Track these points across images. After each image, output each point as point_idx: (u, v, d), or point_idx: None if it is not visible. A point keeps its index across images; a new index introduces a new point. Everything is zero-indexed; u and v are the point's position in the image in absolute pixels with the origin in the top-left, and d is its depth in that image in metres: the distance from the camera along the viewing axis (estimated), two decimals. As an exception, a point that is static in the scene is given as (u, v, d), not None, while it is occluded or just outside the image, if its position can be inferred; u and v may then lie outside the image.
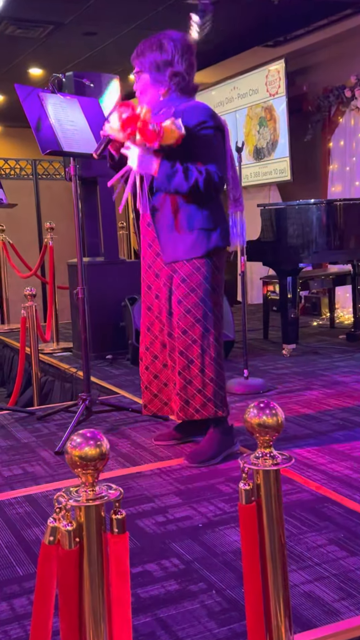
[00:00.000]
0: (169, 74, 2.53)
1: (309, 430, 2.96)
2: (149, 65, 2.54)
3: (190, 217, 2.52)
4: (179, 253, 2.54)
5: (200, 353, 2.55)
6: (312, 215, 4.34)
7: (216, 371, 2.57)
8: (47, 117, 2.90)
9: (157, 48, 2.53)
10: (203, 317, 2.55)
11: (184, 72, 2.55)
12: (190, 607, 1.64)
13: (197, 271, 2.54)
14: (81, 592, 1.11)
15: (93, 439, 1.11)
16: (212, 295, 2.56)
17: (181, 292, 2.55)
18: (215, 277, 2.58)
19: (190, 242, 2.52)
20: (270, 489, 1.23)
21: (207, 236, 2.53)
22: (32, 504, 2.29)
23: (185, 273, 2.55)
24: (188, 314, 2.54)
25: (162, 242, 2.58)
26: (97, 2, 6.02)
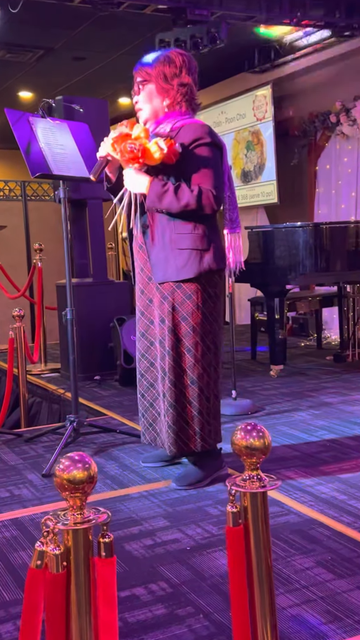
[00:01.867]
0: (177, 83, 2.51)
1: (297, 451, 2.97)
2: (157, 75, 2.52)
3: (183, 237, 2.46)
4: (169, 273, 2.48)
5: (189, 384, 2.49)
6: (299, 238, 4.39)
7: (204, 404, 2.51)
8: (37, 141, 2.93)
9: (165, 60, 2.53)
10: (193, 347, 2.48)
11: (191, 84, 2.54)
12: (178, 631, 1.64)
13: (189, 299, 2.48)
14: (68, 616, 1.11)
15: (81, 462, 1.11)
16: (205, 324, 2.49)
17: (172, 320, 2.50)
18: (208, 304, 2.50)
19: (181, 262, 2.45)
20: (257, 511, 1.24)
21: (200, 257, 2.46)
22: (19, 528, 2.27)
23: (176, 300, 2.49)
24: (179, 343, 2.49)
25: (153, 261, 2.53)
26: (87, 28, 6.12)
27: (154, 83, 2.53)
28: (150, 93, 2.55)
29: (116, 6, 5.23)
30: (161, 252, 2.51)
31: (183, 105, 2.54)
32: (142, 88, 2.56)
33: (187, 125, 2.48)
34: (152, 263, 2.55)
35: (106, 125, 4.82)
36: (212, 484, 2.58)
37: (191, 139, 2.44)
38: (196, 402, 2.51)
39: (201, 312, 2.49)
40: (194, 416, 2.51)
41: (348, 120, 6.35)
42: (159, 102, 2.54)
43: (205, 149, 2.45)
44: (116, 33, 6.25)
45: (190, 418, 2.52)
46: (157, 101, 2.54)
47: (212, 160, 2.46)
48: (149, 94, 2.55)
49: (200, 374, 2.50)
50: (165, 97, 2.53)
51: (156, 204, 2.43)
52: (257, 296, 5.61)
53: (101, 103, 4.92)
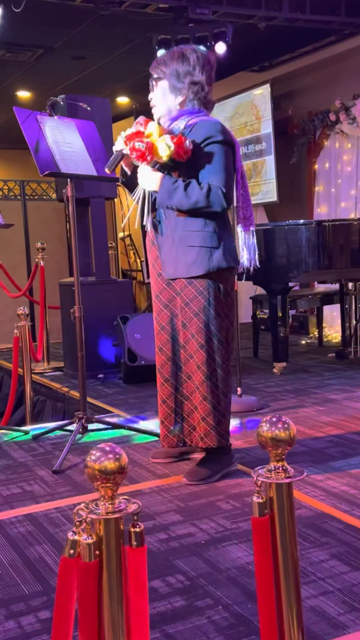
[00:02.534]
0: (188, 82, 2.53)
1: (305, 447, 2.99)
2: (170, 73, 2.54)
3: (193, 234, 2.48)
4: (179, 270, 2.51)
5: (204, 380, 2.52)
6: (301, 236, 4.41)
7: (219, 399, 2.54)
8: (45, 139, 2.94)
9: (179, 57, 2.54)
10: (207, 343, 2.51)
11: (203, 82, 2.54)
12: (198, 622, 1.65)
13: (200, 295, 2.50)
14: (100, 604, 1.12)
15: (112, 452, 1.13)
16: (216, 320, 2.51)
17: (185, 317, 2.53)
18: (220, 301, 2.52)
19: (191, 259, 2.48)
20: (283, 502, 1.26)
21: (209, 255, 2.48)
22: (33, 523, 2.28)
23: (188, 297, 2.52)
24: (192, 338, 2.52)
25: (163, 257, 2.56)
26: (86, 27, 6.12)
27: (167, 80, 2.56)
28: (164, 90, 2.58)
29: (118, 5, 5.24)
30: (171, 248, 2.53)
31: (195, 103, 2.56)
32: (156, 85, 2.59)
33: (200, 122, 2.50)
34: (162, 259, 2.57)
35: (108, 123, 4.84)
36: (222, 480, 2.59)
37: (203, 136, 2.46)
38: (211, 397, 2.53)
39: (213, 308, 2.51)
40: (209, 412, 2.53)
41: (347, 118, 6.37)
42: (172, 99, 2.57)
43: (216, 146, 2.47)
44: (116, 32, 6.25)
45: (206, 414, 2.54)
46: (170, 98, 2.57)
47: (223, 158, 2.48)
48: (162, 91, 2.58)
49: (213, 369, 2.53)
50: (178, 95, 2.56)
51: (166, 200, 2.46)
52: (258, 294, 5.63)
53: (103, 102, 4.93)
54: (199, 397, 2.54)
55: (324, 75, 6.81)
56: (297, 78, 7.13)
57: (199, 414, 2.55)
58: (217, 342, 2.53)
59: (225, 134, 2.51)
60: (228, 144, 2.51)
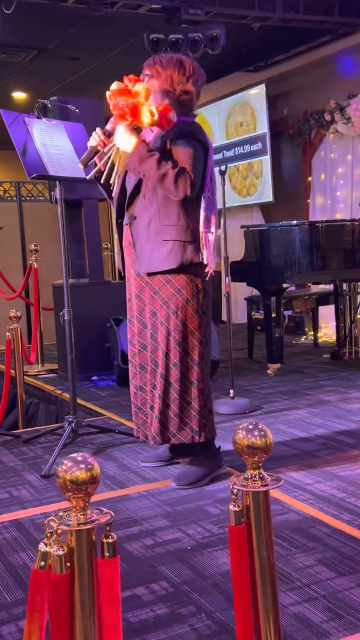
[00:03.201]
0: (180, 90, 2.55)
1: (296, 449, 2.97)
2: (165, 76, 2.54)
3: (167, 228, 2.50)
4: (154, 264, 2.52)
5: (180, 377, 2.53)
6: (295, 237, 4.40)
7: (195, 395, 2.55)
8: (33, 141, 2.92)
9: (177, 63, 2.55)
10: (183, 341, 2.53)
11: (193, 94, 2.58)
12: (180, 630, 1.64)
13: (178, 293, 2.53)
14: (72, 616, 1.11)
15: (84, 462, 1.11)
16: (194, 318, 2.54)
17: (163, 314, 2.55)
18: (199, 299, 2.55)
19: (165, 252, 2.50)
20: (259, 510, 1.24)
21: (183, 248, 2.49)
22: (19, 529, 2.27)
23: (166, 295, 2.54)
24: (169, 336, 2.54)
25: (138, 251, 2.57)
26: (81, 28, 6.11)
27: (159, 81, 2.55)
28: (153, 87, 2.55)
29: (110, 6, 5.22)
30: (146, 243, 2.55)
31: (180, 110, 2.56)
32: (146, 81, 2.56)
33: (180, 122, 2.51)
34: (137, 254, 2.58)
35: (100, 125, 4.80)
36: (212, 483, 2.58)
37: (180, 131, 2.47)
38: (186, 394, 2.55)
39: (190, 306, 2.54)
40: (183, 408, 2.55)
41: (342, 118, 6.36)
42: (159, 98, 2.55)
43: (192, 140, 2.48)
44: (110, 33, 6.23)
45: (180, 410, 2.55)
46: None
47: (196, 154, 2.49)
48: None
49: (189, 367, 2.55)
50: (165, 98, 2.55)
51: (136, 164, 2.43)
52: (253, 295, 5.62)
53: (95, 103, 4.91)
54: (173, 393, 2.54)
55: (318, 75, 6.79)
56: (292, 78, 7.11)
57: (172, 410, 2.55)
58: (195, 339, 2.55)
59: (202, 135, 2.54)
60: (202, 144, 2.52)
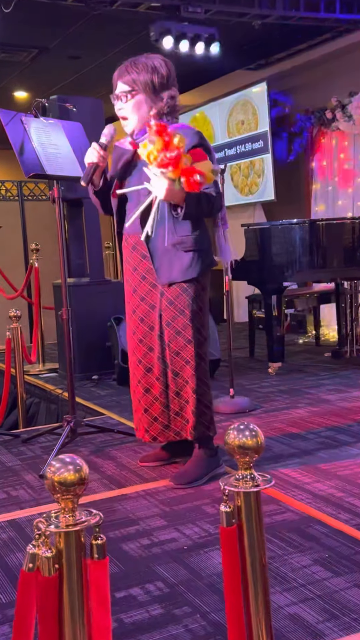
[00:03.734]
0: (166, 96, 2.55)
1: (295, 449, 2.96)
2: (144, 86, 2.53)
3: (185, 239, 2.55)
4: (174, 275, 2.56)
5: (193, 373, 2.57)
6: (295, 235, 4.38)
7: (204, 391, 2.60)
8: (30, 141, 2.92)
9: (151, 70, 2.54)
10: (193, 338, 2.57)
11: (176, 95, 2.60)
12: (175, 631, 1.63)
13: (184, 292, 2.57)
14: (61, 619, 1.10)
15: (72, 464, 1.11)
16: (199, 316, 2.59)
17: (169, 315, 2.58)
18: (202, 297, 2.61)
19: (186, 263, 2.55)
20: (251, 510, 1.24)
21: (201, 257, 2.57)
22: (16, 529, 2.27)
23: (172, 295, 2.57)
24: (178, 335, 2.57)
25: (157, 264, 2.57)
26: (81, 27, 6.10)
27: (142, 93, 2.54)
28: (139, 103, 2.55)
29: (109, 4, 5.21)
30: (165, 255, 2.56)
31: (169, 117, 2.59)
32: (130, 98, 2.55)
33: (182, 130, 2.48)
34: (155, 265, 2.58)
35: (101, 124, 4.80)
36: (209, 483, 2.57)
37: (192, 144, 2.48)
38: (199, 390, 2.58)
39: (196, 305, 2.58)
40: (196, 405, 2.58)
41: (344, 116, 6.33)
42: (146, 111, 2.56)
43: (200, 151, 2.49)
44: (111, 31, 6.22)
45: (195, 406, 2.57)
46: (144, 110, 2.57)
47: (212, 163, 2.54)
48: (137, 103, 2.55)
49: (198, 363, 2.58)
50: (153, 107, 2.55)
51: (194, 212, 2.47)
52: (254, 294, 5.60)
53: (96, 102, 4.91)
54: (188, 391, 2.58)
55: (320, 73, 6.76)
56: (294, 76, 7.09)
57: (189, 407, 2.58)
58: (201, 337, 2.60)
59: (207, 141, 2.59)
60: (210, 151, 2.57)
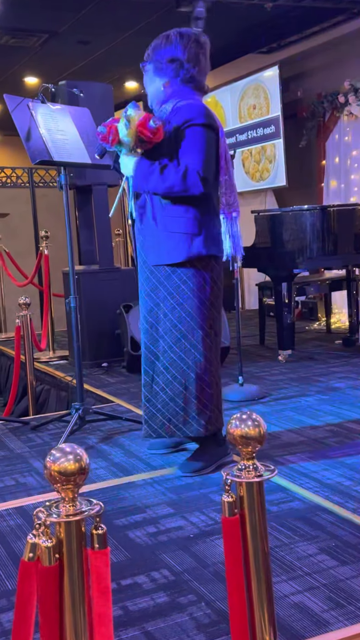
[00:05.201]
0: (167, 59, 2.48)
1: (303, 437, 2.95)
2: (154, 56, 2.52)
3: (174, 220, 2.43)
4: (162, 256, 2.46)
5: (185, 370, 2.48)
6: (306, 221, 4.34)
7: (201, 389, 2.49)
8: (37, 127, 2.90)
9: (163, 39, 2.51)
10: (190, 332, 2.46)
11: (183, 60, 2.48)
12: (179, 619, 1.63)
13: (184, 284, 2.46)
14: (62, 608, 1.10)
15: (72, 453, 1.10)
16: (201, 310, 2.47)
17: (168, 306, 2.48)
18: (205, 290, 2.47)
19: (172, 245, 2.43)
20: (253, 501, 1.23)
21: (190, 241, 2.42)
22: (24, 516, 2.28)
23: (171, 286, 2.47)
24: (174, 328, 2.48)
25: (147, 244, 2.51)
26: (91, 11, 6.04)
27: (152, 63, 2.53)
28: (150, 74, 2.55)
29: (119, -12, 5.15)
30: (154, 235, 2.49)
31: (178, 82, 2.49)
32: (144, 71, 2.56)
33: (184, 106, 2.43)
34: (146, 246, 2.52)
35: (110, 109, 4.77)
36: (217, 471, 2.57)
37: (184, 119, 2.40)
38: (192, 387, 2.48)
39: (197, 298, 2.46)
40: (189, 401, 2.49)
41: (357, 100, 6.24)
42: (157, 81, 2.53)
43: (197, 129, 2.39)
44: (121, 15, 6.16)
45: (185, 403, 2.49)
46: (155, 81, 2.54)
47: (204, 141, 2.40)
48: (149, 75, 2.56)
49: (196, 359, 2.48)
50: (163, 77, 2.51)
51: (142, 185, 2.41)
52: (265, 281, 5.57)
53: (105, 87, 4.87)
54: (178, 386, 2.49)
55: (333, 56, 6.66)
56: (306, 59, 6.99)
57: (178, 404, 2.50)
58: (201, 331, 2.48)
59: (209, 118, 2.43)
60: (210, 127, 2.43)
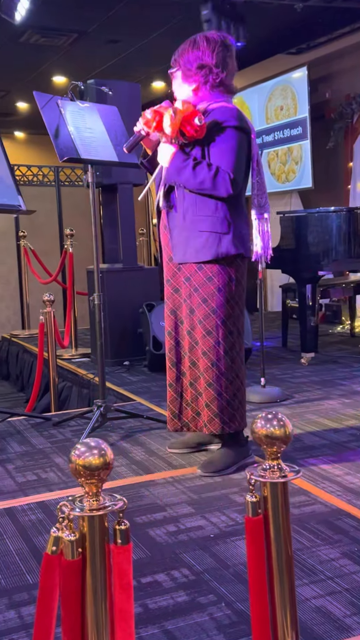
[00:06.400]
0: (196, 66, 2.49)
1: (326, 440, 2.92)
2: (182, 62, 2.52)
3: (203, 218, 2.46)
4: (189, 254, 2.50)
5: (210, 366, 2.50)
6: (331, 223, 4.30)
7: (225, 386, 2.51)
8: (66, 124, 2.91)
9: (190, 44, 2.52)
10: (214, 330, 2.49)
11: (212, 66, 2.48)
12: (199, 619, 1.62)
13: (210, 281, 2.49)
14: (84, 603, 1.10)
15: (97, 448, 1.10)
16: (226, 307, 2.49)
17: (194, 302, 2.52)
18: (231, 288, 2.50)
19: (200, 244, 2.46)
20: (277, 501, 1.21)
21: (218, 240, 2.45)
22: (45, 511, 2.28)
23: (197, 282, 2.51)
24: (199, 325, 2.51)
25: (174, 242, 2.54)
26: (120, 10, 6.07)
27: (180, 69, 2.54)
28: (178, 80, 2.56)
29: (149, -13, 5.16)
30: (182, 233, 2.52)
31: (208, 88, 2.51)
32: (173, 77, 2.57)
33: (217, 108, 2.46)
34: (173, 243, 2.56)
35: (138, 108, 4.78)
36: (238, 472, 2.55)
37: (217, 120, 2.43)
38: (216, 384, 2.50)
39: (222, 295, 2.49)
40: (214, 398, 2.51)
41: (386, 102, 6.19)
42: (186, 87, 2.54)
43: (230, 131, 2.43)
44: (150, 15, 6.18)
45: (210, 400, 2.52)
46: (184, 87, 2.55)
47: (235, 143, 2.44)
48: (177, 81, 2.57)
49: (220, 356, 2.50)
50: (191, 83, 2.53)
51: (174, 176, 2.42)
52: (289, 282, 5.53)
53: (133, 87, 4.88)
54: (203, 383, 2.52)
55: (362, 57, 6.61)
56: (335, 60, 6.94)
57: (203, 400, 2.53)
58: (225, 328, 2.50)
59: (241, 120, 2.47)
60: (242, 130, 2.46)
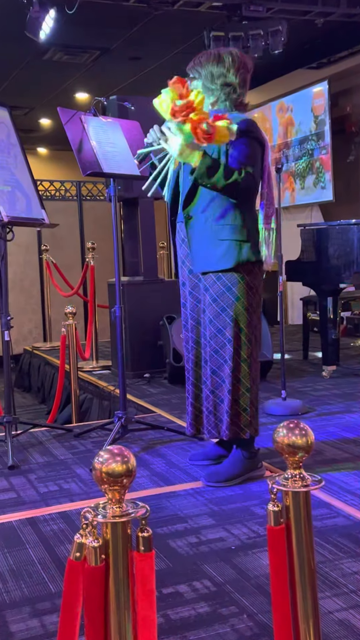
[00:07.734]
0: (221, 83, 2.53)
1: (348, 453, 2.90)
2: (204, 74, 2.56)
3: (222, 227, 2.50)
4: (210, 263, 2.53)
5: (229, 374, 2.53)
6: (352, 236, 4.29)
7: (243, 393, 2.55)
8: (89, 139, 2.96)
9: (214, 59, 2.55)
10: (234, 338, 2.52)
11: (236, 85, 2.55)
12: (221, 630, 1.62)
13: (228, 291, 2.52)
14: (107, 609, 1.11)
15: (120, 455, 1.11)
16: (244, 316, 2.53)
17: (212, 312, 2.55)
18: (249, 297, 2.54)
19: (221, 252, 2.50)
20: (300, 510, 1.21)
21: (239, 248, 2.50)
22: (66, 521, 2.30)
23: (216, 292, 2.54)
24: (219, 334, 2.54)
25: (194, 251, 2.57)
26: (142, 28, 6.15)
27: (201, 81, 2.57)
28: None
29: (171, 5, 5.24)
30: (202, 242, 2.55)
31: (227, 104, 2.57)
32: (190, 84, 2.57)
33: (234, 118, 2.47)
34: (192, 254, 2.58)
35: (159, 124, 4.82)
36: (245, 483, 2.55)
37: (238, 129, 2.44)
38: (236, 391, 2.54)
39: (241, 304, 2.53)
40: (233, 405, 2.54)
41: None
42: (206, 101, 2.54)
43: (250, 140, 2.48)
44: (171, 32, 6.26)
45: (229, 407, 2.54)
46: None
47: (255, 151, 2.51)
48: None
49: (238, 364, 2.54)
50: (210, 96, 2.57)
51: (204, 176, 2.40)
52: (309, 295, 5.52)
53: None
54: (223, 390, 2.55)
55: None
56: (356, 75, 6.96)
57: (223, 407, 2.56)
58: (244, 337, 2.54)
59: (258, 132, 2.53)
60: (258, 141, 2.52)
